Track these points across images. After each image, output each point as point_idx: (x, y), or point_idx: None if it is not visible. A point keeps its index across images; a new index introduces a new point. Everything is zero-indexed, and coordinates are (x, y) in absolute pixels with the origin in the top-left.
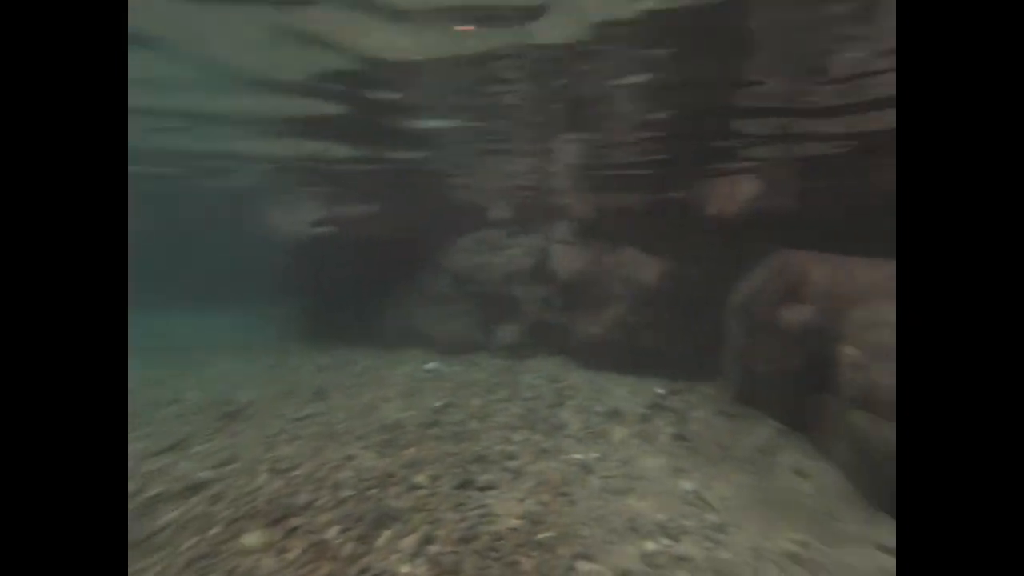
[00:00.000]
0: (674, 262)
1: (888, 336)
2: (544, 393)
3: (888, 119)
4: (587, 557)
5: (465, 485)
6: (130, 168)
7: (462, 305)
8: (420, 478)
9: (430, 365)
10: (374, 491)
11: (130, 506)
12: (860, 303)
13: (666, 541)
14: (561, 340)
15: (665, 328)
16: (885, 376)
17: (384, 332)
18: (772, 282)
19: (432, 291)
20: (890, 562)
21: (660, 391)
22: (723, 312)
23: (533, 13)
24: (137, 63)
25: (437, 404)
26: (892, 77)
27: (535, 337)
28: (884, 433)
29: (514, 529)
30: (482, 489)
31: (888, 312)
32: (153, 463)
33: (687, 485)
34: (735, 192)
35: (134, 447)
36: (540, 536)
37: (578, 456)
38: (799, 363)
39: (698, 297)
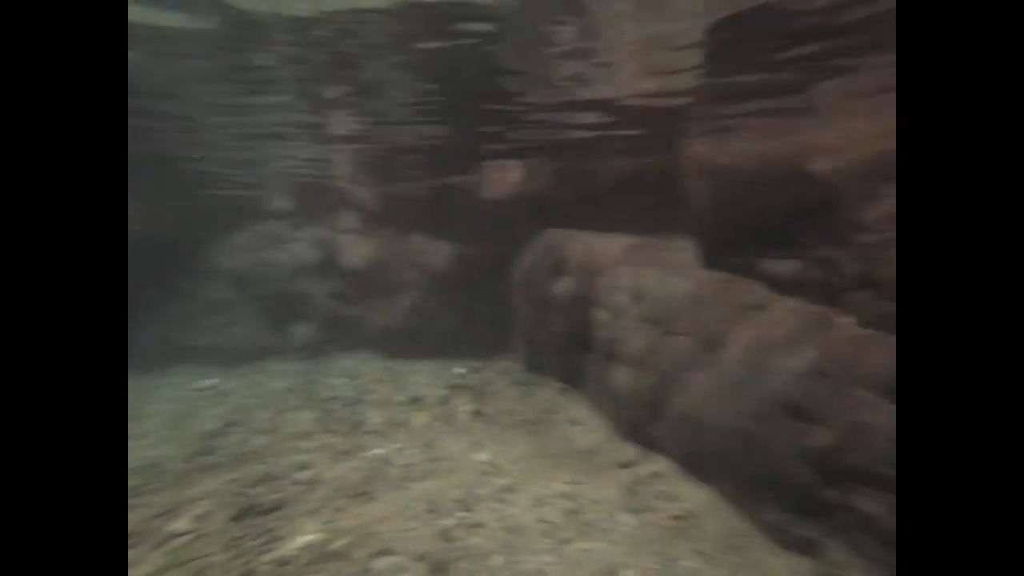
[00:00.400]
0: (461, 245)
1: (625, 298)
2: (343, 392)
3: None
4: (386, 552)
5: (244, 514)
6: None
7: (245, 308)
8: (180, 523)
9: (206, 382)
10: None
11: None
12: (605, 272)
13: (462, 514)
14: (359, 333)
15: (460, 310)
16: (623, 332)
17: (138, 352)
18: (541, 259)
19: (206, 296)
20: (628, 474)
21: (459, 371)
22: (509, 289)
23: None
24: None
25: (212, 427)
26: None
27: (332, 333)
28: (622, 377)
29: (304, 547)
30: (267, 512)
31: (625, 278)
32: None
33: (482, 456)
34: (504, 177)
35: None
36: (335, 545)
37: (379, 451)
38: (568, 329)
39: (487, 277)
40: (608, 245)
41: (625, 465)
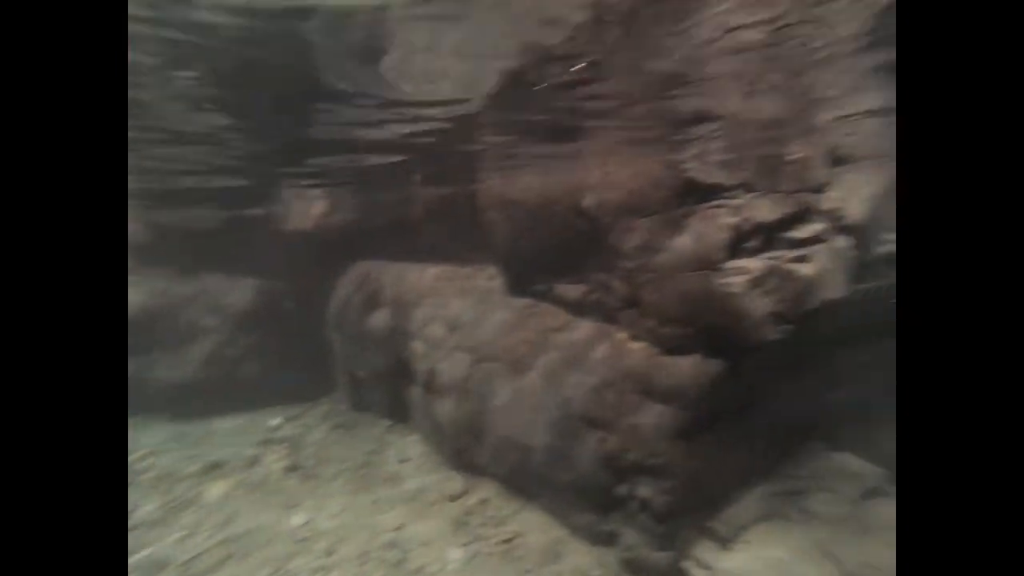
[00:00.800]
0: (267, 281)
1: (440, 328)
2: None
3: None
4: None
5: None
6: None
7: None
8: None
9: None
10: None
11: None
12: (419, 303)
13: None
14: (136, 396)
15: (270, 353)
16: (441, 362)
17: None
18: (356, 292)
19: None
20: (456, 506)
21: (274, 423)
22: (324, 325)
23: None
24: None
25: None
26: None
27: None
28: (444, 408)
29: None
30: None
31: (440, 308)
32: None
33: (298, 520)
34: (308, 208)
35: None
36: None
37: (148, 550)
38: (389, 362)
39: (299, 315)
40: (420, 275)
41: (453, 497)
